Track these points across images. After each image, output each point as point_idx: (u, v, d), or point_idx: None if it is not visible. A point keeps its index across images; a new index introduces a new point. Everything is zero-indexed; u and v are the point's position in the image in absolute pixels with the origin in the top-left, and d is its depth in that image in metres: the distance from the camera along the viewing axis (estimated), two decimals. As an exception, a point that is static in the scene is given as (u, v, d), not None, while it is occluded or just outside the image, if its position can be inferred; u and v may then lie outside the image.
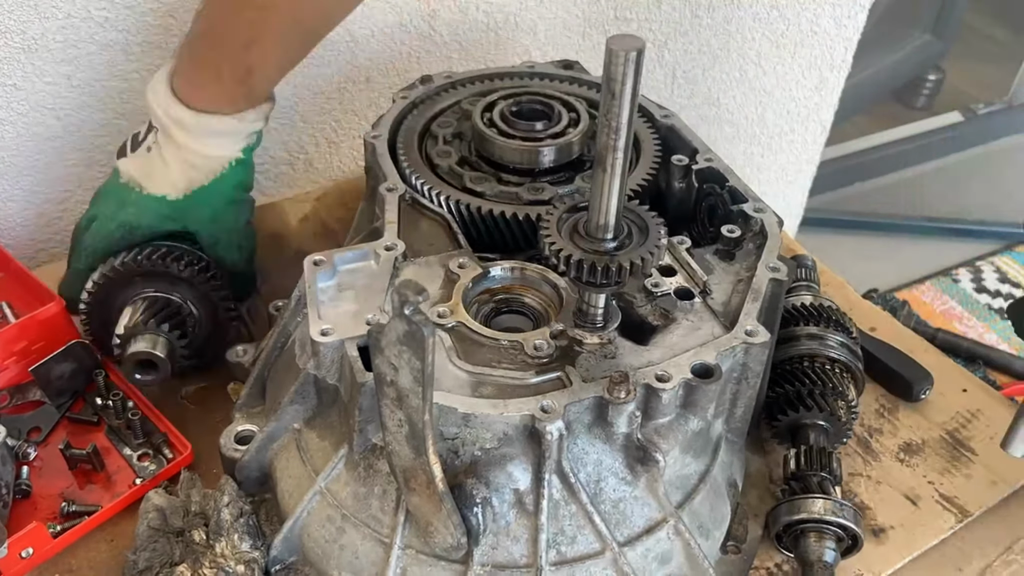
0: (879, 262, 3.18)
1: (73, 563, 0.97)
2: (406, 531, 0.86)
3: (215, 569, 0.88)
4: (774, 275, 0.96)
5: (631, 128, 0.75)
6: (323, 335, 0.86)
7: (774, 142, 2.30)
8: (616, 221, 0.82)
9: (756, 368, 0.92)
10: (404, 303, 0.62)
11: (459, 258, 0.96)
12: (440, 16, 1.60)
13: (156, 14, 1.33)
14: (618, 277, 0.81)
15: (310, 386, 0.93)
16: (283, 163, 1.62)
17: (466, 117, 1.15)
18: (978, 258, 3.26)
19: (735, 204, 1.05)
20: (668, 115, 1.18)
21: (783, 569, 1.00)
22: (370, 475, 0.88)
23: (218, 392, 1.14)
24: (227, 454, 0.99)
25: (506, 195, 1.05)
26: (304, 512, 0.92)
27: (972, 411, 1.21)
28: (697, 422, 0.88)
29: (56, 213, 1.46)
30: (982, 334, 2.89)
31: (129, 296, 1.11)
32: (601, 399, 0.82)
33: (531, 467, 0.83)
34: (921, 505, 1.08)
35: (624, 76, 0.70)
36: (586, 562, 0.86)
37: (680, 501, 0.91)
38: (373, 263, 0.96)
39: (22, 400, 1.12)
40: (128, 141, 1.15)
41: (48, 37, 1.28)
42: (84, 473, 1.05)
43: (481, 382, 0.84)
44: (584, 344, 0.88)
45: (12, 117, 1.33)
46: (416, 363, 0.66)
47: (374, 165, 1.09)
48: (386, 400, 0.72)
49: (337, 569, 0.89)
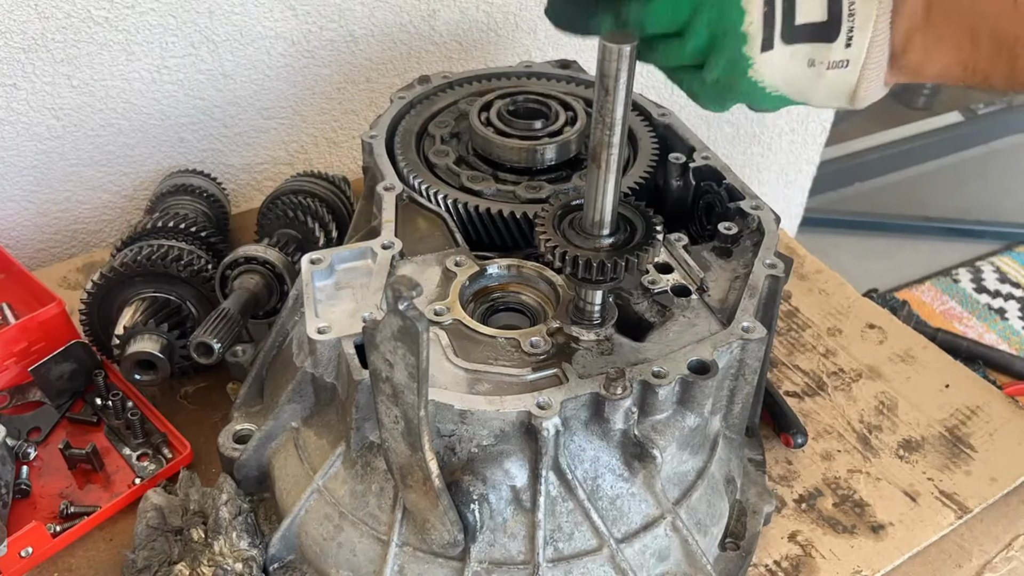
0: (879, 262, 3.17)
1: (72, 562, 0.97)
2: (403, 528, 0.86)
3: (213, 567, 0.88)
4: (771, 272, 0.96)
5: (625, 124, 0.75)
6: (320, 333, 0.86)
7: (774, 142, 2.30)
8: (612, 217, 0.82)
9: (753, 364, 0.92)
10: (398, 299, 0.62)
11: (456, 256, 0.96)
12: (440, 16, 1.60)
13: (156, 14, 1.34)
14: (614, 273, 0.82)
15: (307, 384, 0.93)
16: (283, 163, 1.63)
17: (464, 117, 1.15)
18: (978, 258, 3.25)
19: (732, 201, 1.05)
20: (665, 114, 1.18)
21: (782, 566, 1.00)
22: (367, 473, 0.88)
23: (217, 392, 1.14)
24: (225, 453, 0.99)
25: (503, 194, 1.05)
26: (302, 510, 0.92)
27: (972, 408, 1.21)
28: (694, 418, 0.88)
29: (56, 213, 1.46)
30: (982, 334, 2.89)
31: (129, 296, 1.11)
32: (598, 395, 0.82)
33: (528, 464, 0.83)
34: (921, 502, 1.08)
35: (618, 72, 0.71)
36: (583, 559, 0.86)
37: (678, 498, 0.91)
38: (370, 261, 0.96)
39: (22, 400, 1.12)
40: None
41: (48, 37, 1.29)
42: (83, 473, 1.05)
43: (478, 379, 0.84)
44: (581, 341, 0.88)
45: (12, 117, 1.33)
46: (411, 359, 0.66)
47: (372, 165, 1.09)
48: (382, 396, 0.72)
49: (335, 567, 0.90)
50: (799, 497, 1.08)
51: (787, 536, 1.04)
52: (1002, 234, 3.35)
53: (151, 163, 1.48)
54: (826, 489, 1.09)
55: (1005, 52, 0.71)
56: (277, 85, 1.52)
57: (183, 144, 1.50)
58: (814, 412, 1.20)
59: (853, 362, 1.28)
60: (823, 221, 3.17)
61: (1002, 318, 2.97)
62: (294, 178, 1.37)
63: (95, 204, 1.49)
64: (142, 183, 1.50)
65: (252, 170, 1.61)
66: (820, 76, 0.76)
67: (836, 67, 0.75)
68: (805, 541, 1.03)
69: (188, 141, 1.50)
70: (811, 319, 1.35)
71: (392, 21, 1.56)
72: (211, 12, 1.38)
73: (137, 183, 1.50)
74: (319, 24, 1.49)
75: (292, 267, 1.16)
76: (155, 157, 1.48)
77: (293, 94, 1.55)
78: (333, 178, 1.38)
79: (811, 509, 1.07)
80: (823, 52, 0.74)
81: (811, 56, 0.75)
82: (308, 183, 1.34)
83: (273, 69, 1.50)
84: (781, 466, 1.12)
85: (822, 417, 1.19)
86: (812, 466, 1.12)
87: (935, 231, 3.34)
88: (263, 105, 1.53)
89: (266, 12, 1.43)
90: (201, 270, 1.12)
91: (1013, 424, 1.19)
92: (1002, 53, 0.71)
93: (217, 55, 1.43)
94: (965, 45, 0.72)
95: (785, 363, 1.27)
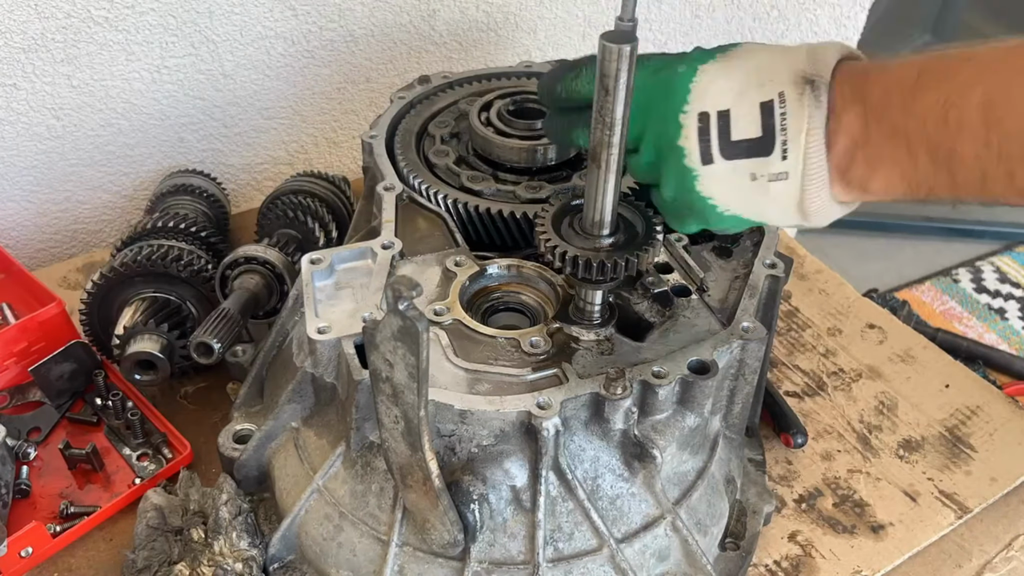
0: (879, 262, 3.17)
1: (72, 562, 0.97)
2: (403, 528, 0.86)
3: (213, 567, 0.88)
4: (771, 272, 0.96)
5: (625, 123, 0.75)
6: (320, 333, 0.86)
7: (774, 142, 2.30)
8: (612, 217, 0.82)
9: (753, 364, 0.92)
10: (398, 298, 0.62)
11: (456, 256, 0.96)
12: (440, 16, 1.60)
13: (156, 14, 1.34)
14: (614, 273, 0.82)
15: (308, 384, 0.93)
16: (283, 163, 1.63)
17: (464, 117, 1.15)
18: (978, 258, 3.25)
19: (732, 202, 1.05)
20: (666, 113, 1.18)
21: (782, 566, 1.00)
22: (367, 473, 0.88)
23: (217, 392, 1.14)
24: (226, 453, 0.99)
25: (503, 194, 1.05)
26: (302, 510, 0.92)
27: (972, 408, 1.21)
28: (694, 418, 0.88)
29: (56, 213, 1.46)
30: (982, 334, 2.89)
31: (129, 296, 1.11)
32: (597, 395, 0.82)
33: (528, 464, 0.83)
34: (920, 502, 1.08)
35: (618, 71, 0.71)
36: (583, 559, 0.86)
37: (677, 498, 0.91)
38: (370, 261, 0.96)
39: (22, 400, 1.12)
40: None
41: (48, 37, 1.29)
42: (83, 473, 1.05)
43: (478, 379, 0.84)
44: (581, 341, 0.88)
45: (12, 117, 1.33)
46: (411, 358, 0.66)
47: (372, 165, 1.09)
48: (382, 396, 0.72)
49: (335, 567, 0.90)
50: (799, 497, 1.08)
51: (787, 536, 1.04)
52: (1002, 234, 3.35)
53: (151, 163, 1.48)
54: (826, 489, 1.09)
55: (943, 165, 0.71)
56: (277, 85, 1.52)
57: (183, 144, 1.50)
58: (814, 412, 1.20)
59: (853, 362, 1.28)
60: (823, 221, 3.16)
61: (1002, 318, 2.97)
62: (294, 178, 1.37)
63: (95, 204, 1.49)
64: (142, 183, 1.50)
65: (252, 170, 1.61)
66: (764, 190, 0.78)
67: (777, 179, 0.77)
68: (805, 541, 1.03)
69: (188, 141, 1.50)
70: (811, 319, 1.35)
71: (392, 21, 1.56)
72: (211, 12, 1.38)
73: (137, 183, 1.50)
74: (319, 24, 1.49)
75: (292, 267, 1.16)
76: (155, 157, 1.48)
77: (293, 94, 1.55)
78: (333, 178, 1.38)
79: (811, 509, 1.07)
80: (762, 166, 0.77)
81: (752, 170, 0.77)
82: (308, 183, 1.34)
83: (273, 69, 1.50)
84: (781, 466, 1.12)
85: (822, 417, 1.19)
86: (812, 466, 1.12)
87: (935, 231, 3.34)
88: (263, 105, 1.53)
89: (266, 12, 1.43)
90: (201, 270, 1.12)
91: (1013, 424, 1.19)
92: (940, 167, 0.72)
93: (217, 55, 1.43)
94: (904, 160, 0.73)
95: (785, 363, 1.27)
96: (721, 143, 0.77)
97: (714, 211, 0.81)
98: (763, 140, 0.76)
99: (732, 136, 0.77)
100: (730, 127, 0.76)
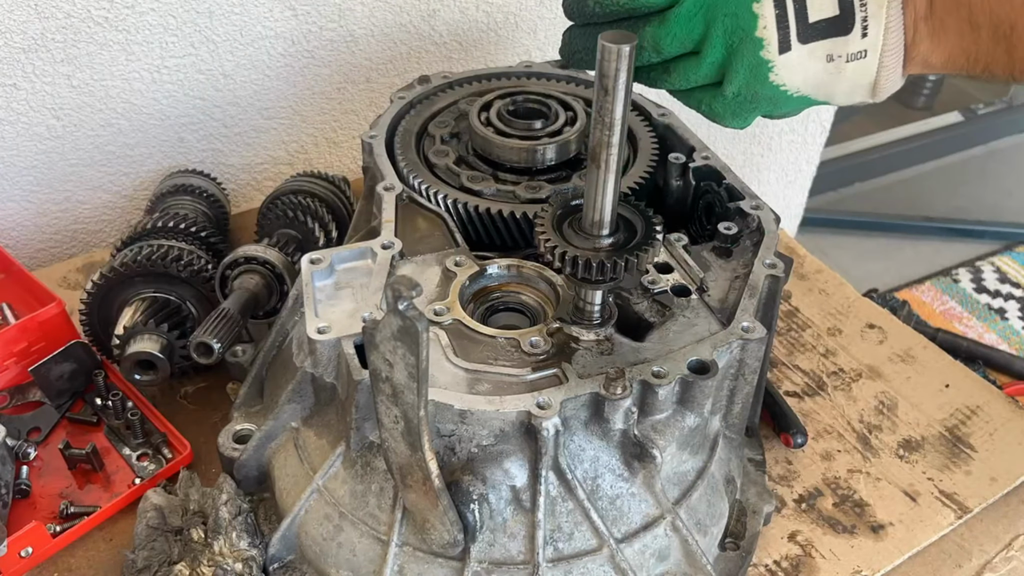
0: (879, 262, 3.18)
1: (72, 562, 0.97)
2: (403, 528, 0.86)
3: (213, 567, 0.88)
4: (771, 272, 0.96)
5: (624, 124, 0.75)
6: (320, 333, 0.86)
7: (774, 142, 2.30)
8: (612, 217, 0.82)
9: (753, 364, 0.92)
10: (398, 298, 0.62)
11: (456, 256, 0.96)
12: (440, 16, 1.60)
13: (156, 14, 1.34)
14: (613, 273, 0.82)
15: (307, 385, 0.93)
16: (283, 163, 1.63)
17: (463, 117, 1.15)
18: (978, 258, 3.26)
19: (732, 201, 1.05)
20: (665, 114, 1.18)
21: (782, 566, 1.00)
22: (367, 473, 0.88)
23: (217, 392, 1.14)
24: (225, 453, 0.99)
25: (503, 194, 1.05)
26: (302, 510, 0.92)
27: (972, 408, 1.21)
28: (694, 418, 0.88)
29: (56, 213, 1.46)
30: (982, 334, 2.89)
31: (129, 296, 1.11)
32: (597, 395, 0.82)
33: (528, 464, 0.83)
34: (920, 502, 1.08)
35: (617, 72, 0.71)
36: (583, 559, 0.86)
37: (677, 498, 0.91)
38: (370, 261, 0.96)
39: (22, 400, 1.12)
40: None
41: (48, 37, 1.29)
42: (83, 473, 1.05)
43: (478, 379, 0.84)
44: (581, 341, 0.88)
45: (12, 117, 1.33)
46: (411, 358, 0.66)
47: (371, 165, 1.09)
48: (382, 396, 0.72)
49: (335, 567, 0.90)
50: (799, 497, 1.08)
51: (787, 536, 1.04)
52: (1002, 234, 3.35)
53: (151, 163, 1.48)
54: (826, 489, 1.09)
55: (1003, 40, 0.72)
56: (277, 85, 1.52)
57: (183, 144, 1.50)
58: (814, 412, 1.20)
59: (853, 362, 1.28)
60: (823, 221, 3.17)
61: (1002, 318, 2.97)
62: (294, 178, 1.37)
63: (95, 204, 1.49)
64: (142, 183, 1.50)
65: (252, 170, 1.61)
66: (840, 70, 0.76)
67: (855, 59, 0.75)
68: (805, 541, 1.03)
69: (188, 141, 1.50)
70: (811, 319, 1.35)
71: (392, 21, 1.56)
72: (211, 12, 1.38)
73: (137, 183, 1.50)
74: (319, 24, 1.49)
75: (292, 267, 1.16)
76: (155, 157, 1.48)
77: (293, 94, 1.55)
78: (333, 178, 1.38)
79: (811, 509, 1.07)
80: (840, 45, 0.75)
81: (829, 51, 0.75)
82: (308, 183, 1.34)
83: (273, 69, 1.50)
84: (781, 466, 1.12)
85: (822, 417, 1.19)
86: (812, 466, 1.12)
87: (935, 231, 3.34)
88: (263, 105, 1.53)
89: (266, 12, 1.43)
90: (201, 270, 1.12)
91: (1013, 424, 1.19)
92: (1000, 41, 0.72)
93: (217, 55, 1.43)
94: (966, 34, 0.73)
95: (785, 363, 1.27)
96: (799, 27, 0.74)
97: (784, 96, 0.78)
98: (841, 18, 0.74)
99: (810, 18, 0.74)
100: (807, 8, 0.74)
